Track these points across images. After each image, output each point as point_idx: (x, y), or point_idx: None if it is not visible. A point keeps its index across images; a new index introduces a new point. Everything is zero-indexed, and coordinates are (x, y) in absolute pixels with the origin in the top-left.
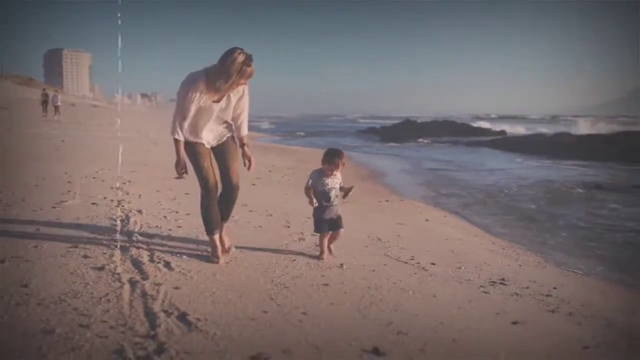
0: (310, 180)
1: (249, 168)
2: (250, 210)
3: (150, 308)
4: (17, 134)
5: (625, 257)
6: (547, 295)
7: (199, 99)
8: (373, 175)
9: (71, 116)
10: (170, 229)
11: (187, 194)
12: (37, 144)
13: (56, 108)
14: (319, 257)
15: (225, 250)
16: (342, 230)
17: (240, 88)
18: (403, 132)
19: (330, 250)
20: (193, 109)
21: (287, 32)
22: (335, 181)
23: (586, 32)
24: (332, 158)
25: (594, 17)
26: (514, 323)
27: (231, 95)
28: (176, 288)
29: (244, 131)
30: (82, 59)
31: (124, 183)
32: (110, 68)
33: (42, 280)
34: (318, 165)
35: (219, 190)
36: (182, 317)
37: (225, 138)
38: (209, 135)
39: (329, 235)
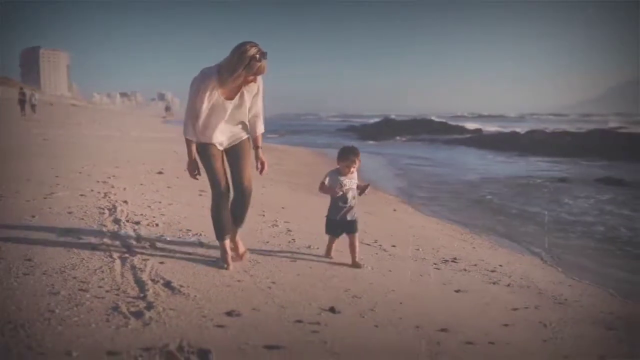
0: (328, 179)
1: (260, 172)
2: None
3: (139, 277)
4: None
5: (569, 242)
6: (492, 271)
7: (211, 97)
8: None
9: (50, 116)
10: (154, 217)
11: (168, 187)
12: (19, 143)
13: (33, 107)
14: (324, 256)
15: (239, 257)
16: (356, 234)
17: (254, 86)
18: (382, 130)
19: (358, 265)
20: (204, 107)
21: (261, 30)
22: (352, 182)
23: (568, 34)
24: (347, 155)
25: (577, 20)
26: (457, 291)
27: (245, 92)
28: (161, 263)
29: (260, 130)
30: (59, 57)
31: (109, 177)
32: (89, 67)
33: (43, 256)
34: (301, 160)
35: (231, 194)
36: (167, 284)
37: (238, 140)
38: (222, 136)
39: (349, 240)
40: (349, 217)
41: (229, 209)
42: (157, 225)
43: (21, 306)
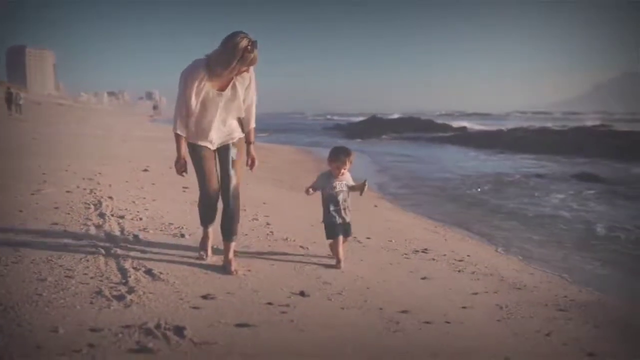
0: (316, 180)
1: (251, 167)
2: None
3: (122, 265)
4: None
5: (537, 234)
6: (460, 260)
7: (200, 89)
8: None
9: (38, 115)
10: (138, 211)
11: (153, 184)
12: (7, 141)
13: (18, 107)
14: (336, 266)
15: (232, 271)
16: (349, 237)
17: (247, 76)
18: (368, 128)
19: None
20: (195, 100)
21: (245, 28)
22: (343, 184)
23: (555, 33)
24: (338, 155)
25: (563, 18)
26: (423, 278)
27: (237, 83)
28: (143, 252)
29: (252, 123)
30: (45, 56)
31: (95, 175)
32: (76, 66)
33: (31, 246)
34: (286, 158)
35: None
36: (148, 271)
37: (232, 140)
38: (215, 135)
39: (342, 240)
40: (340, 220)
41: (220, 221)
42: (140, 219)
43: (11, 290)
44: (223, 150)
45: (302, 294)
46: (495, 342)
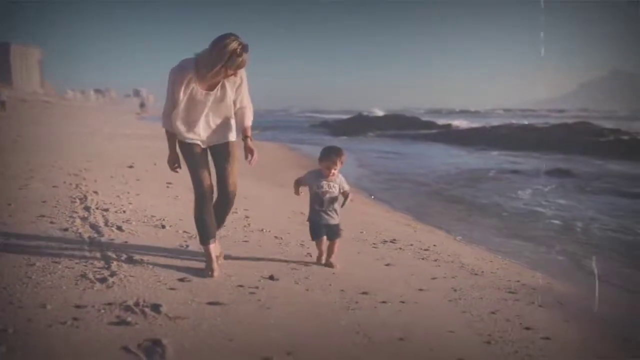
0: (305, 178)
1: (250, 162)
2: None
3: (105, 253)
4: None
5: (503, 227)
6: (425, 250)
7: (187, 89)
8: (315, 164)
9: (23, 113)
10: (122, 205)
11: (138, 180)
12: None
13: (2, 104)
14: (317, 261)
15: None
16: (337, 240)
17: (237, 76)
18: (354, 126)
19: (330, 264)
20: (182, 99)
21: (232, 27)
22: (332, 185)
23: (543, 31)
24: (328, 155)
25: (552, 17)
26: (387, 265)
27: (226, 84)
28: (126, 242)
29: (248, 121)
30: (31, 53)
31: (81, 171)
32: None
33: (19, 236)
34: (271, 155)
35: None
36: (130, 258)
37: (224, 141)
38: (204, 133)
39: (325, 241)
40: (325, 222)
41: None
42: (124, 212)
43: (2, 274)
44: (216, 151)
45: (271, 277)
46: (443, 318)
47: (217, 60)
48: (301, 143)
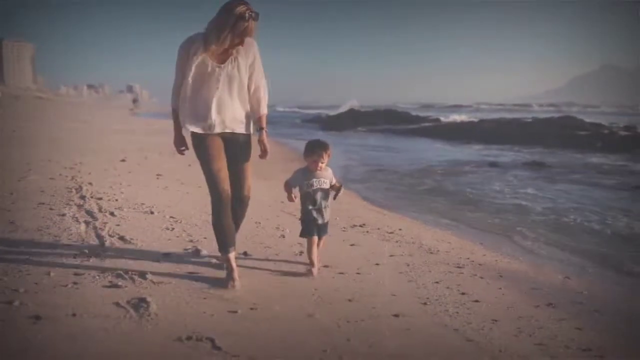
0: (293, 179)
1: (262, 156)
2: (182, 183)
3: (100, 234)
4: None
5: (473, 214)
6: (390, 233)
7: (195, 59)
8: (300, 158)
9: (17, 109)
10: (114, 194)
11: (129, 172)
12: None
13: None
14: (306, 273)
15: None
16: (324, 236)
17: (249, 51)
18: (345, 120)
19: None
20: (191, 72)
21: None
22: (322, 181)
23: (535, 25)
24: (313, 149)
25: (544, 11)
26: (352, 245)
27: (239, 58)
28: (118, 225)
29: (263, 109)
30: (23, 49)
31: (76, 164)
32: (55, 58)
33: (22, 220)
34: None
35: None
36: (122, 238)
37: (239, 130)
38: (218, 116)
39: (316, 240)
40: (319, 220)
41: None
42: (116, 200)
43: (9, 251)
44: (231, 147)
45: (245, 253)
46: (390, 286)
47: (224, 24)
48: (293, 137)
